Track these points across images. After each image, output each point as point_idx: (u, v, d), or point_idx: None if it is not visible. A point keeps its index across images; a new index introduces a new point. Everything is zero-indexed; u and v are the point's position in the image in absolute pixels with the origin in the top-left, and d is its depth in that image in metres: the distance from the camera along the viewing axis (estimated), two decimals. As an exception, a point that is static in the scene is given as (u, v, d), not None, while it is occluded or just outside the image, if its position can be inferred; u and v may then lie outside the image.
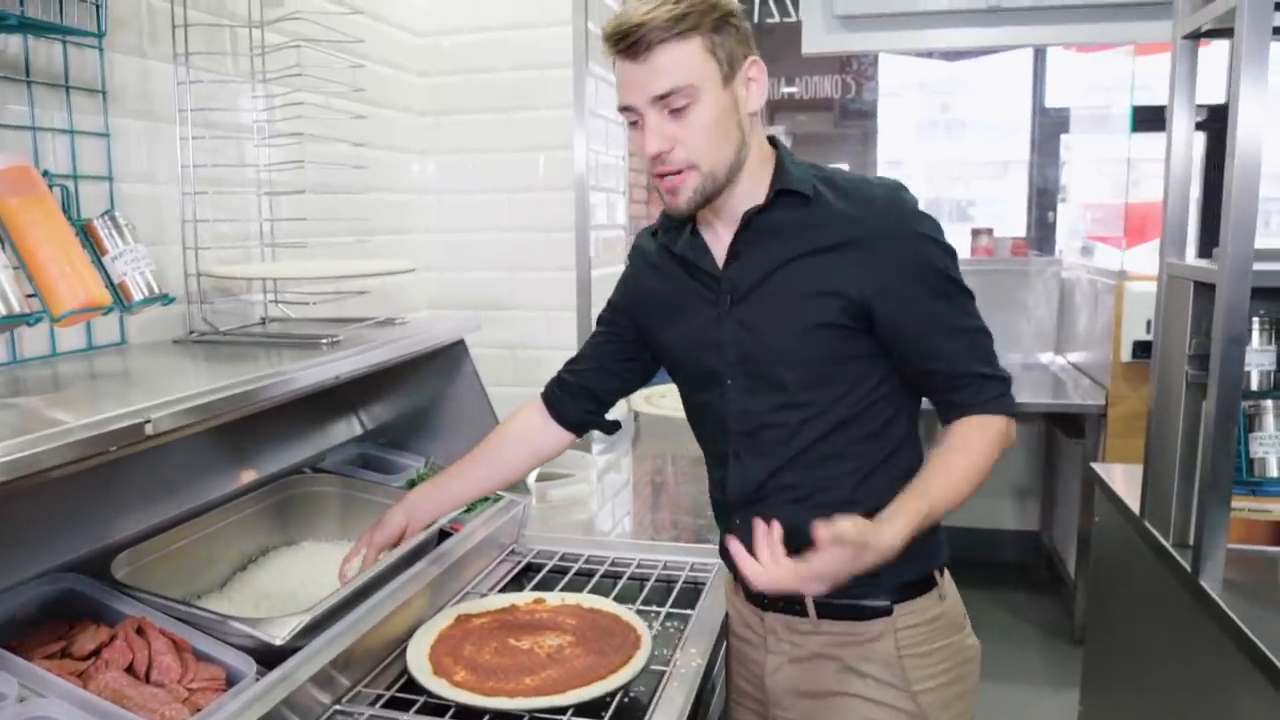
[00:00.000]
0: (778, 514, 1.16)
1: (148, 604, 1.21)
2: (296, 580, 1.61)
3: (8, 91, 1.33)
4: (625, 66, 1.18)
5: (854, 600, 1.30)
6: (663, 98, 1.16)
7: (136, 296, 1.31)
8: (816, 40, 3.11)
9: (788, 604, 1.35)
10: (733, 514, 1.37)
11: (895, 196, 1.25)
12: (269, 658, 1.18)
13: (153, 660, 1.12)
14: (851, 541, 1.06)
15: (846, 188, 1.26)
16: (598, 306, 2.58)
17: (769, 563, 1.09)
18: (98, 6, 1.39)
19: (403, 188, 2.47)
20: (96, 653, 1.13)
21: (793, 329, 1.25)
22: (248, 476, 1.64)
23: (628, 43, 1.15)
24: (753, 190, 1.27)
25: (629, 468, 2.51)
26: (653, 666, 1.35)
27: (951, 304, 1.25)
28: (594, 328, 1.56)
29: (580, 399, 1.50)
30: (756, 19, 4.79)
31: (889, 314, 1.23)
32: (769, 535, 1.10)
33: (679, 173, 1.20)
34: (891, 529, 1.11)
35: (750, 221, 1.26)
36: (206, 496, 1.54)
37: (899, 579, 1.30)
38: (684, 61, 1.15)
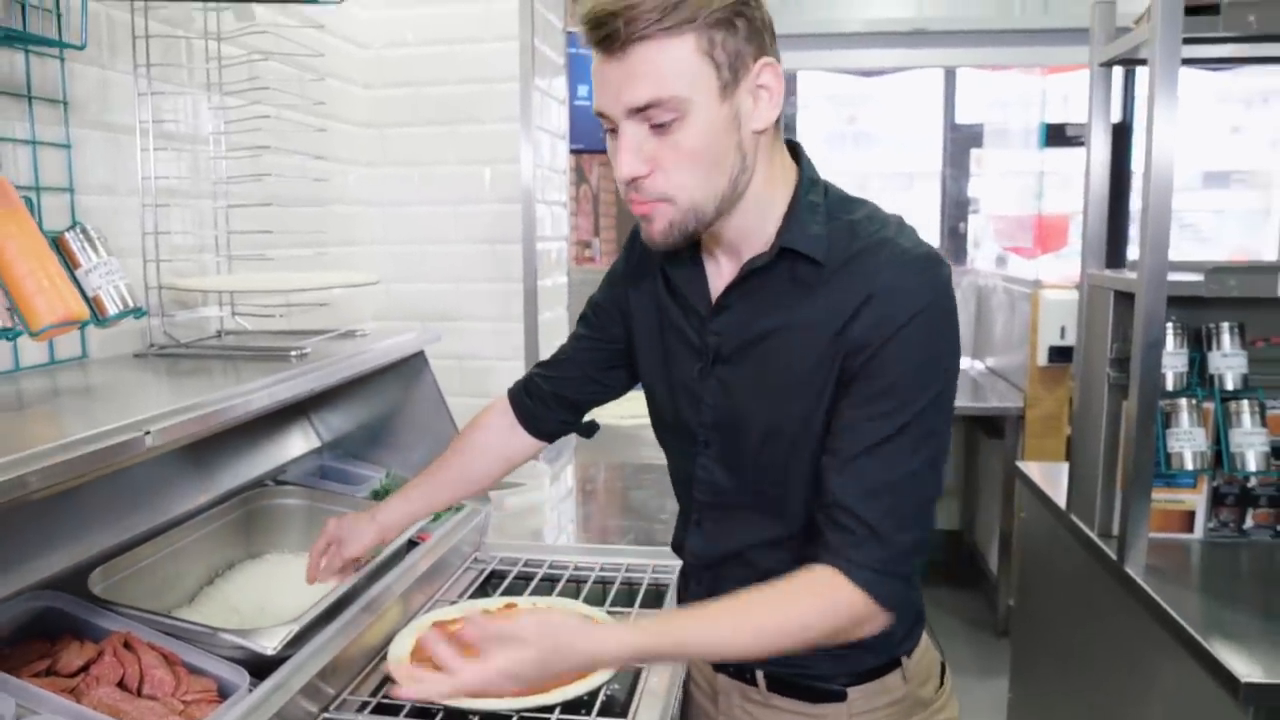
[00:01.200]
0: (732, 583, 1.04)
1: (131, 618, 1.20)
2: (263, 592, 1.61)
3: (-28, 103, 1.31)
4: (600, 62, 0.94)
5: (805, 678, 1.15)
6: (642, 110, 0.94)
7: (111, 310, 1.30)
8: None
9: (738, 670, 1.22)
10: (691, 576, 1.27)
11: (927, 269, 1.00)
12: (259, 668, 1.19)
13: (144, 674, 1.12)
14: (522, 640, 0.93)
15: (872, 243, 1.01)
16: (544, 316, 2.64)
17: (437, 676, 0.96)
18: (58, 16, 1.38)
19: (349, 199, 2.47)
20: (85, 669, 1.12)
21: (779, 403, 1.06)
22: (211, 491, 1.63)
23: (602, 33, 0.92)
24: (763, 223, 1.04)
25: (575, 475, 2.56)
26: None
27: (903, 422, 0.98)
28: (571, 329, 1.42)
29: (556, 408, 1.37)
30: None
31: (849, 381, 1.01)
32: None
33: (657, 201, 0.99)
34: (608, 640, 0.95)
35: (748, 274, 1.06)
36: (172, 512, 1.52)
37: (860, 665, 1.14)
38: (672, 65, 0.91)
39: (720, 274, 1.11)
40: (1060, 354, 3.34)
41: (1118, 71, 2.13)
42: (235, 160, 1.82)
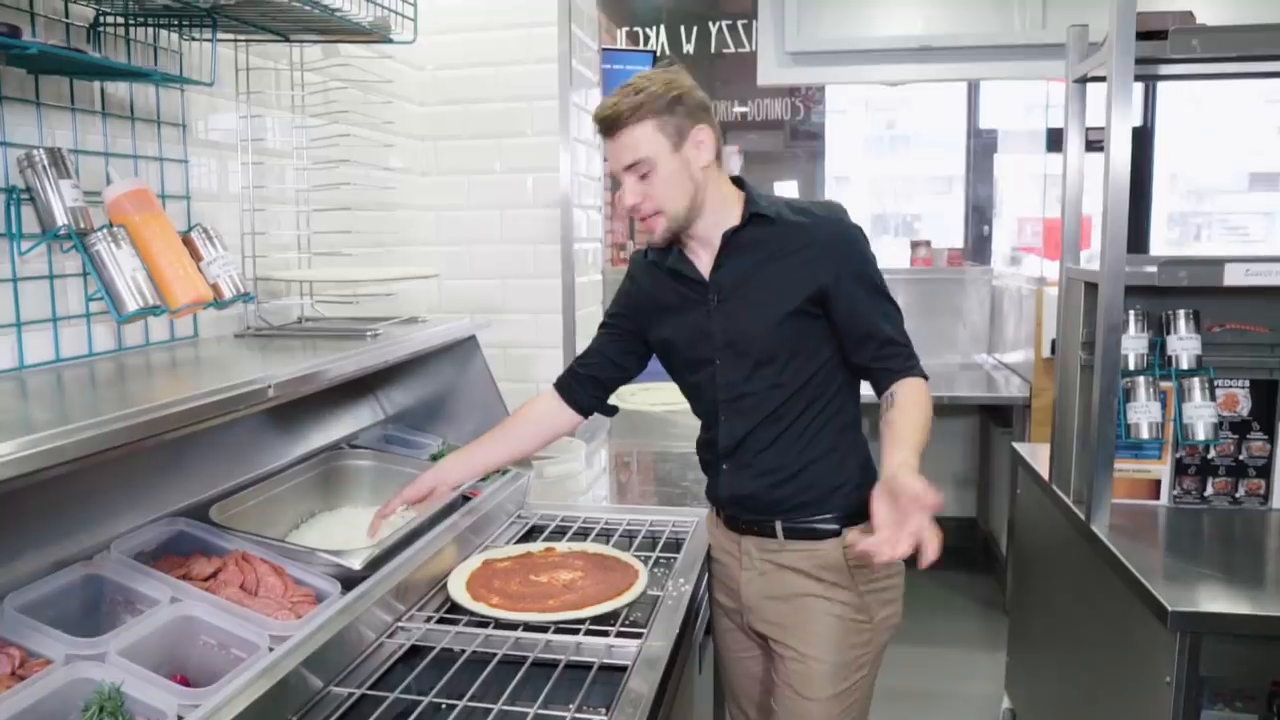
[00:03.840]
0: (756, 460, 1.67)
1: (245, 540, 1.50)
2: (340, 539, 1.90)
3: (117, 126, 1.62)
4: (607, 142, 1.58)
5: (811, 525, 1.67)
6: (630, 167, 1.55)
7: (227, 294, 1.60)
8: (770, 73, 3.47)
9: (761, 528, 1.70)
10: (720, 461, 1.74)
11: (838, 215, 1.65)
12: (347, 582, 1.48)
13: (260, 580, 1.41)
14: (914, 491, 1.38)
15: (800, 209, 1.64)
16: (581, 310, 2.92)
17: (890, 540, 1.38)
18: (180, 56, 1.68)
19: (408, 205, 2.77)
20: (213, 575, 1.42)
21: (767, 318, 1.61)
22: (299, 450, 1.93)
23: (603, 127, 1.56)
24: (722, 219, 1.64)
25: (608, 451, 2.83)
26: (650, 592, 1.67)
27: (878, 290, 1.63)
28: (596, 330, 1.89)
29: (590, 387, 1.85)
30: (714, 49, 5.17)
31: (840, 296, 1.59)
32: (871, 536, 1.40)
33: (652, 216, 1.60)
34: (913, 471, 1.44)
35: (729, 240, 1.63)
36: (269, 464, 1.83)
37: (846, 508, 1.66)
38: (642, 140, 1.54)
39: (699, 257, 1.68)
40: (1062, 347, 3.55)
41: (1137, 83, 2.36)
42: (315, 171, 2.12)
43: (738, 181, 1.68)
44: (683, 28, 5.11)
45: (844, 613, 1.65)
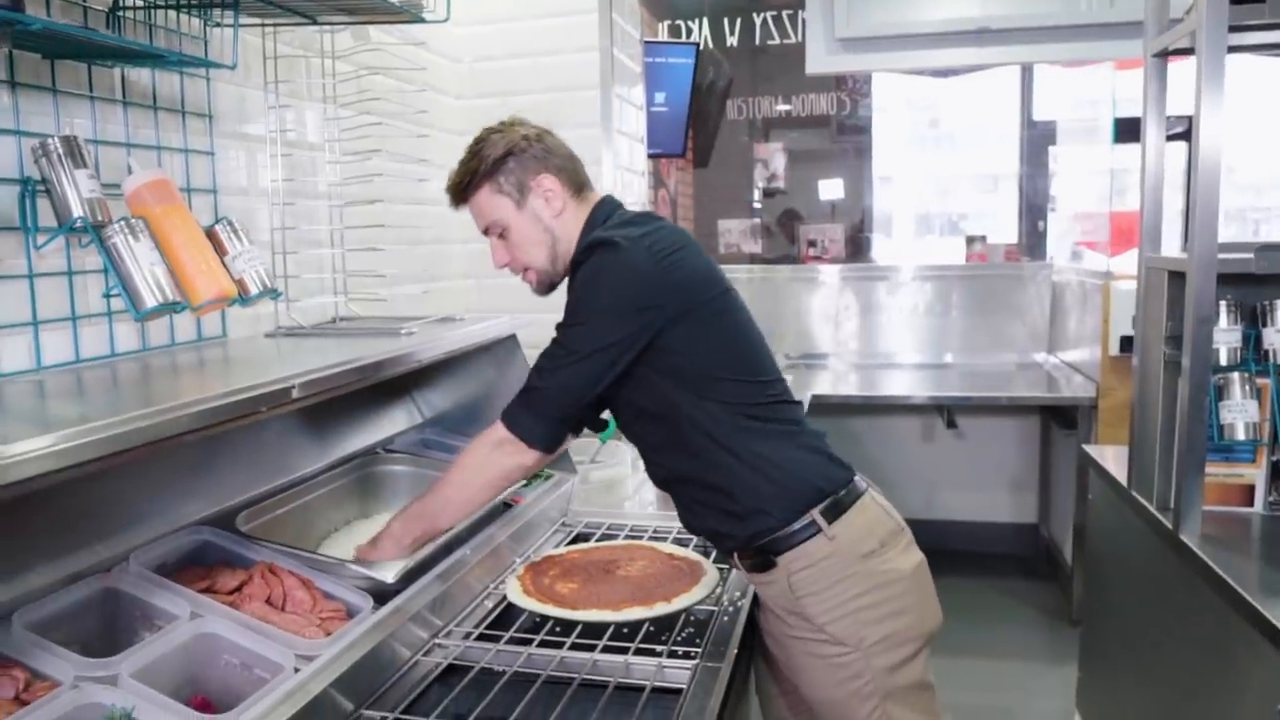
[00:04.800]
0: (677, 491, 1.58)
1: (273, 550, 1.41)
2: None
3: (140, 116, 1.54)
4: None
5: (754, 555, 1.49)
6: (486, 231, 1.57)
7: (253, 290, 1.51)
8: (819, 61, 3.34)
9: (726, 557, 1.58)
10: None
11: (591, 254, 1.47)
12: (380, 596, 1.38)
13: (287, 594, 1.32)
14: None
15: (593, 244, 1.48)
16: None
17: None
18: (205, 43, 1.60)
19: (442, 201, 2.67)
20: (238, 589, 1.33)
21: None
22: (332, 455, 1.84)
23: (450, 198, 1.59)
24: None
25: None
26: (702, 607, 1.55)
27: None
28: None
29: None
30: (758, 41, 5.04)
31: None
32: None
33: (524, 272, 1.59)
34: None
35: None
36: (301, 470, 1.74)
37: (747, 537, 1.47)
38: (484, 205, 1.54)
39: None
40: (1131, 343, 3.35)
41: (1188, 64, 2.20)
42: (347, 165, 2.03)
43: (604, 208, 1.58)
44: (726, 20, 4.99)
45: (816, 649, 1.47)
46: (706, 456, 1.45)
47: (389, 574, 1.39)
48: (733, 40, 5.01)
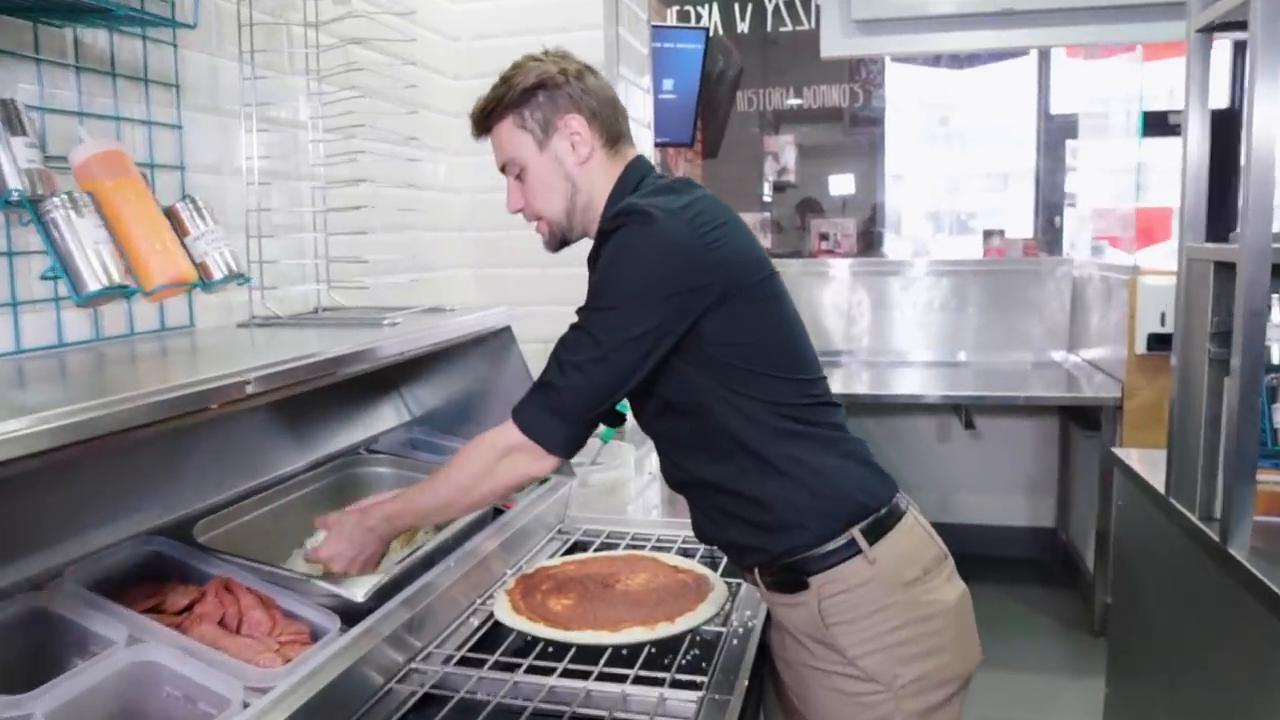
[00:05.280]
0: (695, 496, 1.42)
1: (231, 564, 1.27)
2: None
3: (95, 83, 1.40)
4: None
5: (780, 572, 1.32)
6: (504, 169, 1.41)
7: (216, 274, 1.37)
8: (834, 44, 3.19)
9: (744, 572, 1.42)
10: None
11: (624, 222, 1.27)
12: (349, 616, 1.24)
13: (243, 615, 1.18)
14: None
15: (624, 212, 1.29)
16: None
17: None
18: (172, 5, 1.46)
19: (439, 186, 2.54)
20: (189, 608, 1.19)
21: None
22: (308, 456, 1.70)
23: (472, 127, 1.43)
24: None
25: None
26: (707, 627, 1.41)
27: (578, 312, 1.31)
28: None
29: None
30: (770, 26, 4.89)
31: None
32: None
33: (536, 221, 1.43)
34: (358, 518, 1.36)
35: (591, 256, 1.38)
36: (272, 472, 1.60)
37: (776, 553, 1.30)
38: (504, 139, 1.38)
39: None
40: (1160, 342, 3.21)
41: (1218, 52, 2.05)
42: (331, 142, 1.89)
43: (637, 170, 1.40)
44: (736, 5, 4.83)
45: (841, 684, 1.30)
46: (737, 460, 1.29)
47: (359, 591, 1.25)
48: (743, 26, 4.85)
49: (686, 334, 1.25)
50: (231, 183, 1.70)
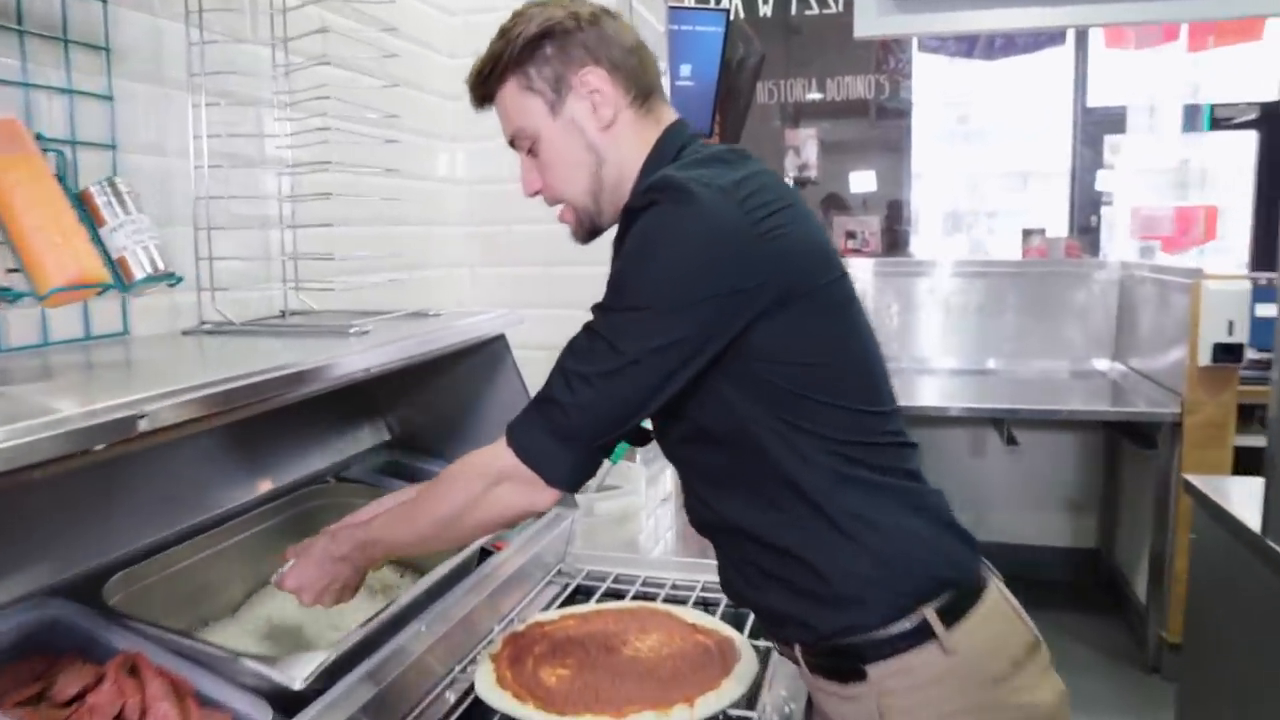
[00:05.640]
0: (725, 543, 1.16)
1: (144, 636, 1.02)
2: (308, 615, 1.42)
3: (-5, 41, 1.16)
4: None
5: (829, 655, 1.05)
6: (513, 144, 1.15)
7: (138, 274, 1.12)
8: (868, 24, 2.91)
9: (781, 645, 1.15)
10: None
11: (658, 195, 1.00)
12: (286, 703, 0.99)
13: (147, 706, 0.93)
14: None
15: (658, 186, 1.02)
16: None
17: None
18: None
19: (430, 176, 2.29)
20: (80, 697, 0.94)
21: None
22: (264, 486, 1.45)
23: (474, 100, 1.17)
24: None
25: (674, 478, 2.31)
26: (733, 711, 1.15)
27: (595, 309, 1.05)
28: None
29: None
30: (794, 9, 4.61)
31: None
32: None
33: (559, 206, 1.16)
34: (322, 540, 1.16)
35: (617, 242, 1.09)
36: (217, 508, 1.35)
37: (827, 631, 1.03)
38: (508, 107, 1.13)
39: None
40: (1227, 352, 2.93)
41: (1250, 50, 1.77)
42: (299, 120, 1.64)
43: (677, 135, 1.13)
44: (760, -13, 4.56)
45: None
46: (785, 508, 1.02)
47: (298, 675, 0.99)
48: (766, 10, 4.58)
49: (730, 346, 0.98)
50: (178, 165, 1.45)
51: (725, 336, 0.97)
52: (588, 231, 1.17)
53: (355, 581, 1.18)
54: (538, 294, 2.38)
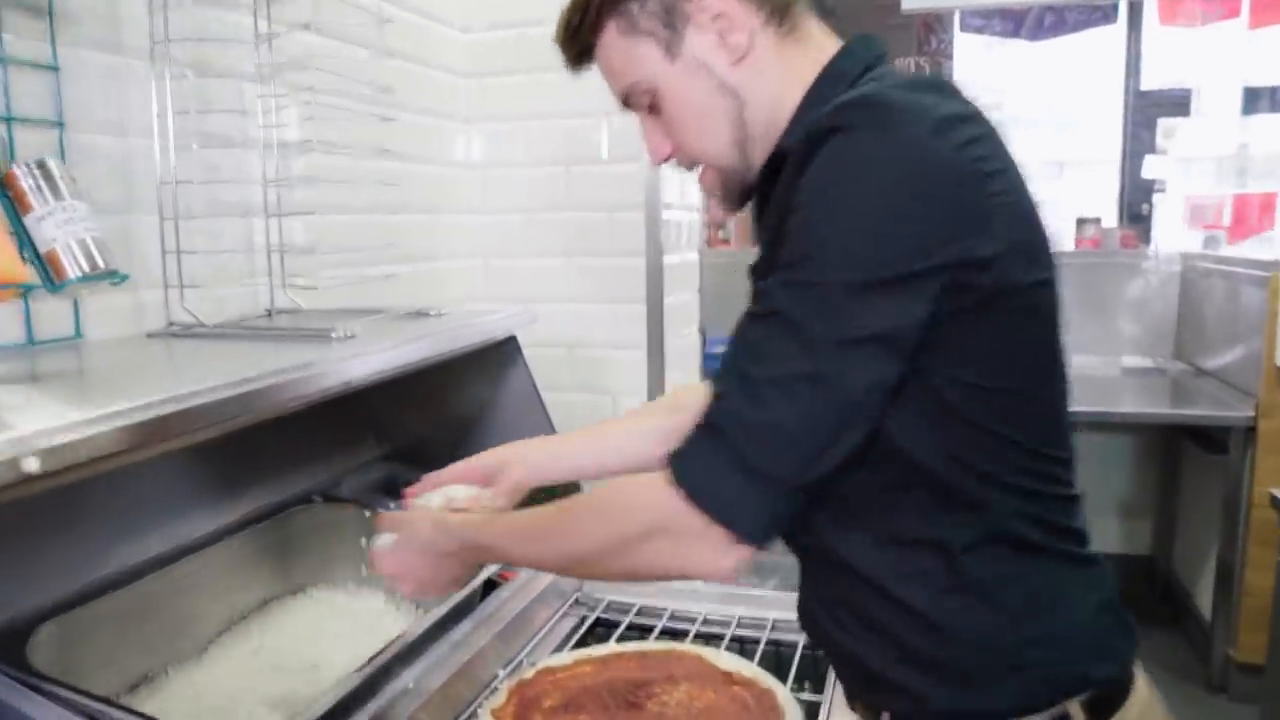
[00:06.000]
0: (821, 583, 0.93)
1: (70, 708, 0.84)
2: (307, 639, 1.26)
3: (-97, -6, 0.99)
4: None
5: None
6: (626, 101, 0.93)
7: (70, 272, 0.95)
8: (916, -4, 2.71)
9: (863, 709, 0.92)
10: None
11: (840, 114, 0.76)
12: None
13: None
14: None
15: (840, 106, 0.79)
16: (671, 299, 2.22)
17: None
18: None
19: (440, 160, 2.11)
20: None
21: None
22: (238, 509, 1.28)
23: (567, 60, 0.95)
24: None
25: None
26: (781, 791, 0.97)
27: (782, 266, 0.77)
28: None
29: None
30: (833, -14, 4.40)
31: None
32: None
33: (697, 170, 0.95)
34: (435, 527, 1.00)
35: (763, 190, 0.90)
36: (181, 535, 1.18)
37: (935, 710, 0.83)
38: (613, 60, 0.91)
39: None
40: (1309, 351, 2.69)
41: None
42: (283, 96, 1.47)
43: (857, 55, 0.88)
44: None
45: None
46: (916, 552, 0.81)
47: (248, 761, 0.81)
48: (802, -12, 4.37)
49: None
50: (140, 145, 1.28)
51: (931, 315, 0.73)
52: (739, 194, 0.94)
53: (464, 575, 1.03)
54: (558, 287, 2.20)
